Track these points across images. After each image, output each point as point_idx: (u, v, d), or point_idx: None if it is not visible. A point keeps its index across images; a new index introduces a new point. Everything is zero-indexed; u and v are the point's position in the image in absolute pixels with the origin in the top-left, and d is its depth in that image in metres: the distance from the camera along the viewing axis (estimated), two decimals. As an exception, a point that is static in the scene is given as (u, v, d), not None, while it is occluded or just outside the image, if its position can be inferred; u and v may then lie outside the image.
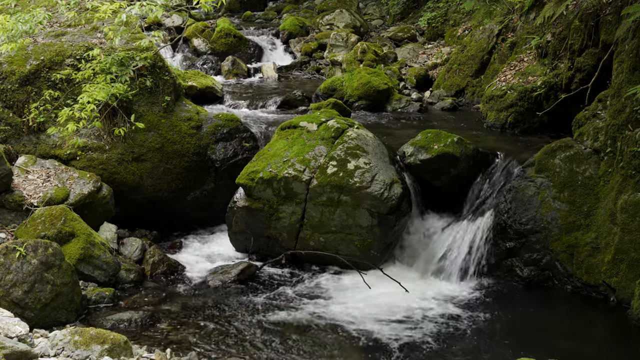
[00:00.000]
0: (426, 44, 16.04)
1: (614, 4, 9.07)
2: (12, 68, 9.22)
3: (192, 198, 9.80)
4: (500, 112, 10.64)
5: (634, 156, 7.63)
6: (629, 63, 8.06)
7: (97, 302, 7.66)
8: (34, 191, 8.50)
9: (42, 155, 9.13)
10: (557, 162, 8.50)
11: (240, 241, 9.16)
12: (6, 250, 6.99)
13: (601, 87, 9.03)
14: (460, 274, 8.54)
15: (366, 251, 8.63)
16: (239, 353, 6.78)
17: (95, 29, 9.82)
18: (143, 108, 9.44)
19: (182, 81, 10.72)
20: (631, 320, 7.31)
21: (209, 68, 14.37)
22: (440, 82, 13.40)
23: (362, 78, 12.13)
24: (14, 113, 9.18)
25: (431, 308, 7.86)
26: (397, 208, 8.53)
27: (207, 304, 7.87)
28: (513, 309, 7.91)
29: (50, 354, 5.68)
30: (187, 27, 15.20)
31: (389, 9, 18.40)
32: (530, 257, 8.43)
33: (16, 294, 6.89)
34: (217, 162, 9.73)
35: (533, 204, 8.45)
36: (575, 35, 9.85)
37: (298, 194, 8.66)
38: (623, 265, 7.61)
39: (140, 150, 9.38)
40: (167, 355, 6.29)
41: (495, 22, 13.03)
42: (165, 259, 8.70)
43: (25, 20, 8.12)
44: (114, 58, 8.85)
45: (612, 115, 8.15)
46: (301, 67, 15.24)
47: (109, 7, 8.12)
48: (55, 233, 7.85)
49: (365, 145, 8.88)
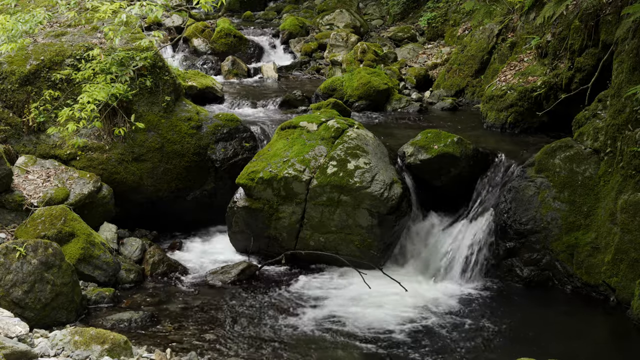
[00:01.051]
0: (426, 44, 16.04)
1: (614, 4, 9.07)
2: (12, 68, 9.22)
3: (192, 198, 9.80)
4: (500, 112, 10.63)
5: (634, 156, 7.62)
6: (629, 63, 8.05)
7: (97, 302, 7.66)
8: (34, 191, 8.50)
9: (42, 155, 9.13)
10: (557, 162, 8.50)
11: (240, 241, 9.16)
12: (6, 250, 6.99)
13: (601, 87, 9.02)
14: (460, 273, 8.54)
15: (366, 251, 8.63)
16: (238, 353, 6.78)
17: (95, 29, 9.82)
18: (143, 108, 9.44)
19: (182, 81, 10.72)
20: (631, 320, 7.30)
21: (209, 68, 14.37)
22: (440, 82, 13.40)
23: (362, 78, 12.13)
24: (14, 113, 9.19)
25: (431, 308, 7.86)
26: (397, 208, 8.53)
27: (207, 304, 7.87)
28: (513, 309, 7.91)
29: (50, 354, 5.68)
30: (187, 27, 15.21)
31: (389, 9, 18.40)
32: (530, 257, 8.43)
33: (16, 294, 6.89)
34: (217, 162, 9.73)
35: (533, 204, 8.45)
36: (575, 35, 9.85)
37: (298, 194, 8.66)
38: (623, 265, 7.61)
39: (140, 150, 9.38)
40: (167, 355, 6.29)
41: (495, 22, 13.02)
42: (165, 259, 8.70)
43: (25, 20, 8.11)
44: (114, 58, 8.86)
45: (612, 115, 8.15)
46: (301, 67, 15.23)
47: (109, 7, 8.12)
48: (55, 233, 7.85)
49: (365, 145, 8.88)
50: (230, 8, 19.29)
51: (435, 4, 16.80)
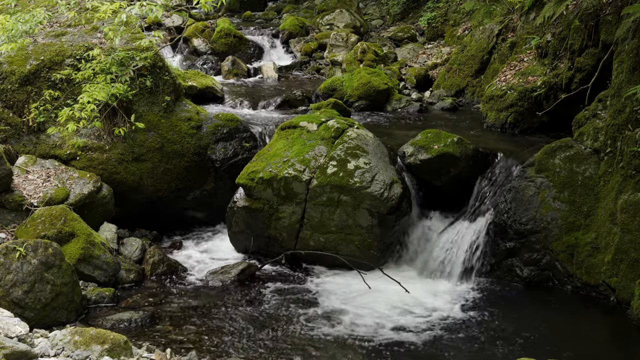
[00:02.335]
0: (426, 44, 16.04)
1: (614, 4, 9.07)
2: (12, 68, 9.22)
3: (192, 198, 9.80)
4: (500, 112, 10.64)
5: (634, 156, 7.62)
6: (629, 63, 8.05)
7: (97, 302, 7.66)
8: (34, 191, 8.50)
9: (42, 155, 9.12)
10: (557, 162, 8.50)
11: (240, 241, 9.16)
12: (6, 250, 6.99)
13: (601, 87, 9.02)
14: (460, 274, 8.54)
15: (366, 251, 8.63)
16: (238, 353, 6.78)
17: (95, 29, 9.82)
18: (143, 108, 9.44)
19: (182, 81, 10.72)
20: (631, 320, 7.30)
21: (209, 68, 14.37)
22: (440, 82, 13.40)
23: (362, 78, 12.13)
24: (14, 113, 9.18)
25: (431, 308, 7.86)
26: (397, 208, 8.53)
27: (207, 304, 7.87)
28: (513, 309, 7.91)
29: (50, 354, 5.68)
30: (187, 27, 15.21)
31: (389, 9, 18.40)
32: (530, 257, 8.43)
33: (16, 294, 6.89)
34: (217, 162, 9.73)
35: (533, 204, 8.45)
36: (575, 35, 9.85)
37: (298, 194, 8.66)
38: (623, 265, 7.61)
39: (140, 150, 9.38)
40: (167, 355, 6.28)
41: (495, 22, 13.02)
42: (165, 259, 8.70)
43: (25, 20, 8.11)
44: (114, 58, 8.85)
45: (612, 115, 8.15)
46: (301, 67, 15.24)
47: (109, 7, 8.12)
48: (55, 233, 7.85)
49: (365, 145, 8.88)
50: (230, 8, 19.29)
51: (435, 4, 16.80)
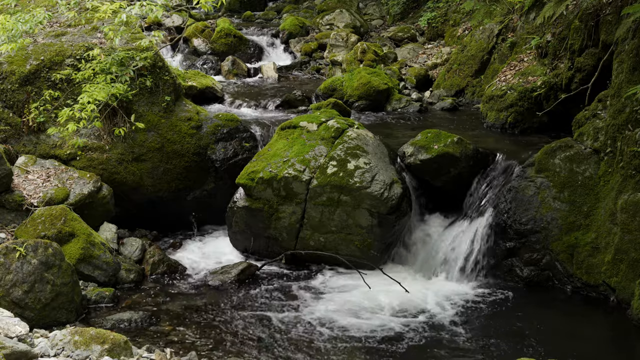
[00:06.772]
0: (426, 44, 16.03)
1: (614, 4, 9.07)
2: (12, 68, 9.22)
3: (192, 198, 9.80)
4: (500, 112, 10.64)
5: (634, 156, 7.62)
6: (629, 63, 8.06)
7: (97, 302, 7.66)
8: (34, 191, 8.50)
9: (42, 155, 9.13)
10: (557, 162, 8.50)
11: (240, 241, 9.16)
12: (6, 250, 6.99)
13: (601, 87, 9.02)
14: (460, 273, 8.54)
15: (366, 251, 8.63)
16: (238, 353, 6.78)
17: (95, 29, 9.82)
18: (143, 108, 9.44)
19: (182, 81, 10.72)
20: (631, 320, 7.31)
21: (209, 68, 14.37)
22: (440, 82, 13.40)
23: (362, 78, 12.13)
24: (14, 113, 9.19)
25: (431, 308, 7.86)
26: (397, 208, 8.53)
27: (207, 304, 7.87)
28: (513, 309, 7.91)
29: (50, 354, 5.68)
30: (187, 27, 15.21)
31: (389, 9, 18.39)
32: (530, 257, 8.43)
33: (16, 294, 6.89)
34: (217, 162, 9.72)
35: (533, 204, 8.45)
36: (575, 35, 9.85)
37: (298, 194, 8.66)
38: (623, 265, 7.61)
39: (140, 150, 9.38)
40: (167, 355, 6.28)
41: (495, 22, 13.02)
42: (165, 259, 8.70)
43: (25, 20, 8.12)
44: (114, 58, 8.86)
45: (612, 115, 8.15)
46: (301, 67, 15.23)
47: (109, 7, 8.13)
48: (55, 233, 7.86)
49: (365, 145, 8.88)
50: (230, 8, 19.28)
51: (435, 4, 16.79)
